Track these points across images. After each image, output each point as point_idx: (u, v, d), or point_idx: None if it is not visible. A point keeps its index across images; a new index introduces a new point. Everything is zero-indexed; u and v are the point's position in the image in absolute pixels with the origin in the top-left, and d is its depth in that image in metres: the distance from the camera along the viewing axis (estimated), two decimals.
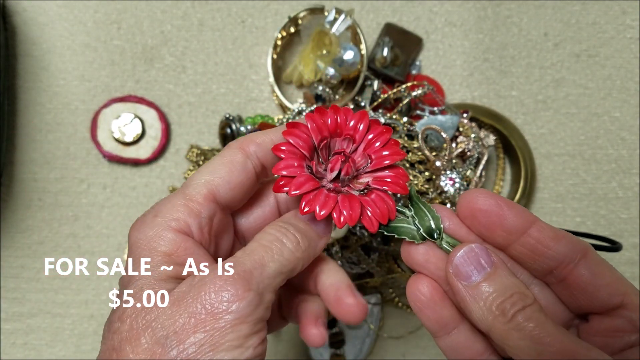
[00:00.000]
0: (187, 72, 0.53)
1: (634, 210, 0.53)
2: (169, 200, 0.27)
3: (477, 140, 0.46)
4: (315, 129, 0.27)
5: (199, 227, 0.26)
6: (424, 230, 0.27)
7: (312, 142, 0.27)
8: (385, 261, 0.49)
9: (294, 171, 0.26)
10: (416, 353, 0.51)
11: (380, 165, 0.27)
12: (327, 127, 0.28)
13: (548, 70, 0.54)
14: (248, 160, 0.28)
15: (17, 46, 0.53)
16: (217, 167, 0.28)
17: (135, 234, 0.26)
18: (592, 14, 0.55)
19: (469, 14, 0.54)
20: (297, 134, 0.27)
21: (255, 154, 0.28)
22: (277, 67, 0.53)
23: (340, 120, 0.28)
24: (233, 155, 0.28)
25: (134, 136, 0.51)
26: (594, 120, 0.54)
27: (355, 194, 0.27)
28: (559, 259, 0.26)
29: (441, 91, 0.53)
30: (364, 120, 0.28)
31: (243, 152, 0.28)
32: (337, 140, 0.28)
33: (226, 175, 0.27)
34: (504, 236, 0.26)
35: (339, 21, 0.48)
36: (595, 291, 0.26)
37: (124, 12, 0.53)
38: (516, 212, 0.26)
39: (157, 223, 0.26)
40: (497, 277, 0.25)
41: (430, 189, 0.44)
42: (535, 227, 0.26)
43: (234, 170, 0.28)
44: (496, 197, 0.26)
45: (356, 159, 0.28)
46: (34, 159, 0.52)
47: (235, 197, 0.28)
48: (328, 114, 0.28)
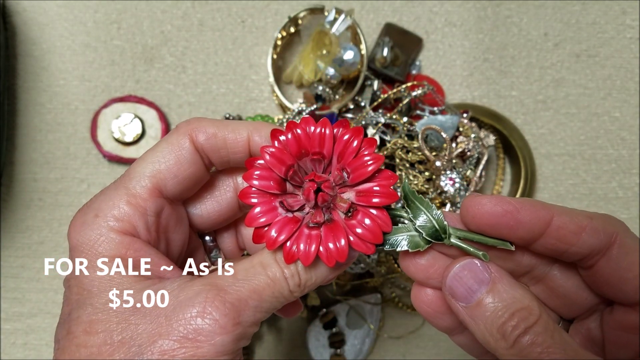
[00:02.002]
0: (187, 72, 0.53)
1: (634, 210, 0.53)
2: (110, 196, 0.24)
3: (477, 140, 0.46)
4: (274, 162, 0.24)
5: (145, 227, 0.24)
6: (427, 234, 0.24)
7: (277, 175, 0.25)
8: (385, 261, 0.49)
9: (270, 218, 0.24)
10: (416, 353, 0.51)
11: (360, 178, 0.24)
12: (289, 153, 0.25)
13: (548, 70, 0.54)
14: (196, 151, 0.26)
15: (17, 46, 0.53)
16: (163, 155, 0.25)
17: (76, 236, 0.24)
18: (592, 14, 0.55)
19: (469, 14, 0.54)
20: (261, 175, 0.25)
21: (203, 146, 0.26)
22: (277, 67, 0.53)
23: (302, 137, 0.25)
24: (181, 143, 0.25)
25: (134, 136, 0.51)
26: (594, 120, 0.54)
27: (341, 216, 0.24)
28: (584, 253, 0.23)
29: (441, 91, 0.53)
30: (327, 128, 0.24)
31: (191, 141, 0.25)
32: (307, 160, 0.25)
33: (173, 167, 0.25)
34: (522, 239, 0.24)
35: (339, 21, 0.48)
36: (620, 284, 0.23)
37: (124, 12, 0.53)
38: (530, 212, 0.23)
39: (99, 224, 0.23)
40: (496, 293, 0.23)
41: (430, 189, 0.44)
42: (554, 226, 0.23)
43: (182, 161, 0.25)
44: (505, 202, 0.23)
45: (332, 178, 0.25)
46: (34, 159, 0.52)
47: (183, 190, 0.26)
48: (286, 136, 0.25)
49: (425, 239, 0.24)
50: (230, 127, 0.26)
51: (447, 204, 0.43)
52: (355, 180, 0.24)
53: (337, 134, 0.25)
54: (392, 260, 0.49)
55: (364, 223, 0.24)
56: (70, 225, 0.24)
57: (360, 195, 0.24)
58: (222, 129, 0.26)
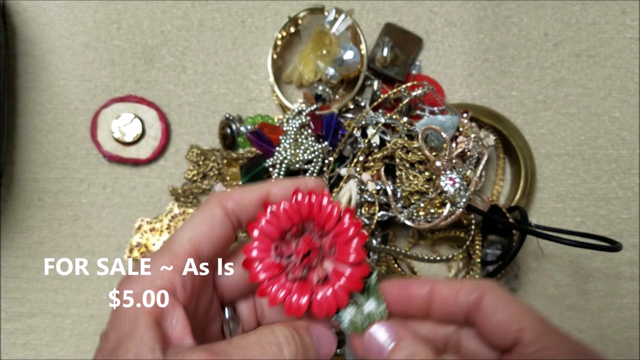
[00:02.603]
0: (187, 72, 0.53)
1: (634, 210, 0.53)
2: (155, 257, 0.27)
3: (477, 140, 0.46)
4: (285, 218, 0.29)
5: (182, 285, 0.27)
6: (370, 321, 0.29)
7: (282, 227, 0.29)
8: (385, 261, 0.49)
9: (261, 255, 0.28)
10: None
11: (342, 260, 0.28)
12: (300, 214, 0.29)
13: (548, 70, 0.54)
14: (227, 216, 0.29)
15: (17, 46, 0.53)
16: (198, 223, 0.29)
17: (124, 290, 0.26)
18: (592, 14, 0.55)
19: (469, 14, 0.54)
20: (269, 221, 0.29)
21: (232, 210, 0.29)
22: (277, 67, 0.53)
23: (315, 206, 0.29)
24: (213, 211, 0.29)
25: (134, 136, 0.51)
26: (594, 120, 0.54)
27: (314, 278, 0.29)
28: (465, 309, 0.29)
29: (441, 91, 0.53)
30: (336, 211, 0.29)
31: (222, 208, 0.29)
32: (310, 225, 0.29)
33: (207, 231, 0.28)
34: (419, 311, 0.30)
35: (339, 21, 0.48)
36: (493, 330, 0.28)
37: (124, 12, 0.53)
38: (417, 286, 0.30)
39: (144, 280, 0.26)
40: (401, 349, 0.28)
41: (430, 189, 0.44)
42: (437, 293, 0.29)
43: (214, 225, 0.29)
44: (398, 283, 0.30)
45: (323, 245, 0.29)
46: (34, 159, 0.52)
47: (217, 250, 0.29)
48: (303, 201, 0.29)
49: (366, 326, 0.29)
50: (256, 188, 0.30)
51: (447, 204, 0.43)
52: (337, 259, 0.28)
53: (342, 216, 0.29)
54: (391, 259, 0.49)
55: (327, 294, 0.28)
56: (120, 281, 0.27)
57: (336, 272, 0.29)
58: (247, 192, 0.30)
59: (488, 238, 0.50)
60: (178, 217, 0.51)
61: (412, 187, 0.45)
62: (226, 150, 0.51)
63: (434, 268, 0.52)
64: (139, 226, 0.51)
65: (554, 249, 0.52)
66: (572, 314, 0.52)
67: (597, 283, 0.53)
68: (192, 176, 0.51)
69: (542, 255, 0.52)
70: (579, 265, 0.53)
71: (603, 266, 0.53)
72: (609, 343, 0.52)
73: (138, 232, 0.51)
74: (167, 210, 0.51)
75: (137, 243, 0.51)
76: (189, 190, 0.51)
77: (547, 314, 0.53)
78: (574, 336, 0.28)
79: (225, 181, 0.51)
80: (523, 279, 0.52)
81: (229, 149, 0.51)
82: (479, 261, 0.48)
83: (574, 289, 0.52)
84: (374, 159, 0.47)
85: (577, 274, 0.53)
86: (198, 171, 0.51)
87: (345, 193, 0.47)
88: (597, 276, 0.53)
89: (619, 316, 0.52)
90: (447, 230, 0.49)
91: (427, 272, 0.52)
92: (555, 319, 0.52)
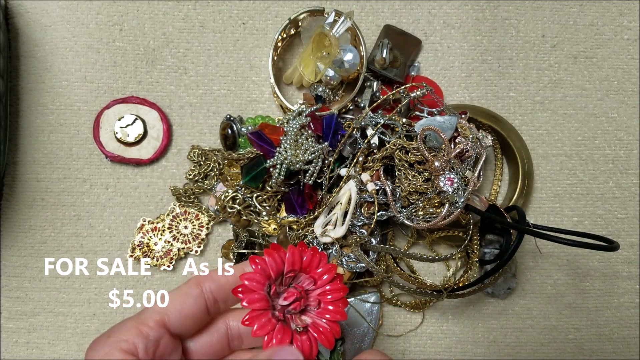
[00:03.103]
0: (188, 74, 0.54)
1: (631, 210, 0.53)
2: (124, 323, 0.31)
3: (475, 141, 0.46)
4: (290, 261, 0.32)
5: (144, 348, 0.30)
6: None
7: (282, 269, 0.32)
8: (384, 260, 0.50)
9: (256, 287, 0.31)
10: (415, 352, 0.52)
11: (322, 316, 0.32)
12: (300, 263, 0.33)
13: (546, 71, 0.54)
14: (202, 295, 0.32)
15: (19, 47, 0.53)
16: (172, 298, 0.32)
17: (91, 353, 0.29)
18: (590, 16, 0.55)
19: (467, 16, 0.54)
20: (272, 256, 0.32)
21: (210, 289, 0.32)
22: (278, 68, 0.53)
23: (313, 261, 0.33)
24: (189, 289, 0.32)
25: (136, 137, 0.51)
26: (591, 121, 0.54)
27: (292, 326, 0.32)
28: None
29: (440, 92, 0.53)
30: (331, 273, 0.33)
31: (199, 287, 0.32)
32: (303, 276, 0.33)
33: (178, 306, 0.32)
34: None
35: (339, 23, 0.48)
36: None
37: (126, 14, 0.54)
38: None
39: (109, 343, 0.29)
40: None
41: (429, 189, 0.45)
42: None
43: (187, 302, 0.32)
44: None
45: (309, 298, 0.33)
46: (37, 160, 0.53)
47: (185, 326, 0.32)
48: (308, 254, 0.33)
49: None
50: (238, 270, 0.33)
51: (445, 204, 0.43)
52: (320, 315, 0.32)
53: (329, 273, 0.33)
54: (391, 259, 0.49)
55: (304, 343, 0.31)
56: (89, 347, 0.30)
57: (314, 325, 0.32)
58: (227, 277, 0.33)
59: (486, 237, 0.50)
60: (179, 216, 0.52)
61: (411, 187, 0.45)
62: (227, 151, 0.52)
63: (433, 267, 0.53)
64: (141, 226, 0.52)
65: (552, 249, 0.53)
66: (570, 312, 0.52)
67: (594, 282, 0.53)
68: (193, 176, 0.52)
69: (539, 254, 0.53)
70: (576, 264, 0.53)
71: (600, 265, 0.53)
72: (606, 342, 0.52)
73: (140, 231, 0.52)
74: (169, 210, 0.52)
75: (139, 242, 0.51)
76: (191, 190, 0.52)
77: (544, 313, 0.53)
78: None
79: (226, 181, 0.51)
80: (521, 278, 0.53)
81: (229, 150, 0.52)
82: (477, 260, 0.48)
83: (571, 288, 0.53)
84: (374, 159, 0.47)
85: (574, 273, 0.53)
86: (199, 171, 0.52)
87: (345, 193, 0.47)
88: (594, 275, 0.53)
89: (616, 315, 0.53)
90: (445, 229, 0.49)
91: (426, 271, 0.53)
92: (553, 318, 0.52)
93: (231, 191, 0.50)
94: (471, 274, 0.48)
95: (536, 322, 0.52)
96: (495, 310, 0.52)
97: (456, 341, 0.52)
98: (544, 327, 0.52)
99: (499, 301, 0.52)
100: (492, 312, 0.52)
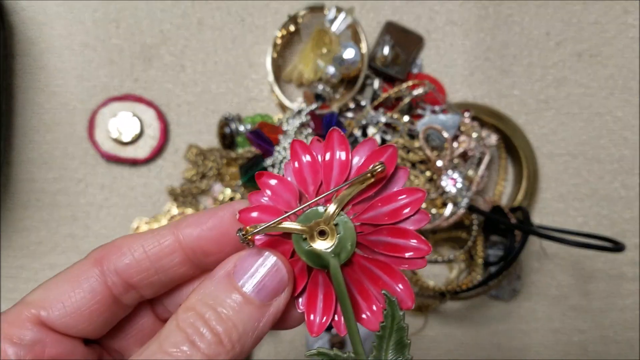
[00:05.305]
0: (186, 72, 0.53)
1: (637, 211, 0.53)
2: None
3: (478, 140, 0.45)
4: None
5: (16, 357, 0.21)
6: None
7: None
8: None
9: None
10: (418, 355, 0.51)
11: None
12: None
13: (550, 69, 0.54)
14: (102, 278, 0.22)
15: (15, 45, 0.53)
16: (57, 282, 0.22)
17: None
18: (594, 14, 0.54)
19: (470, 13, 0.54)
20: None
21: (116, 270, 0.22)
22: (277, 66, 0.53)
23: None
24: (82, 270, 0.22)
25: (132, 136, 0.51)
26: (596, 120, 0.53)
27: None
28: None
29: (442, 90, 0.52)
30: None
31: (99, 267, 0.22)
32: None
33: (62, 295, 0.22)
34: None
35: (339, 20, 0.48)
36: None
37: (123, 11, 0.53)
38: None
39: None
40: None
41: (432, 189, 0.44)
42: None
43: (77, 289, 0.22)
44: None
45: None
46: (32, 159, 0.52)
47: (79, 322, 0.22)
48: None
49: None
50: (158, 233, 0.22)
51: (448, 204, 0.43)
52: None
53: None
54: None
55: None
56: None
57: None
58: (147, 239, 0.22)
59: (490, 239, 0.50)
60: (176, 217, 0.51)
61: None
62: (225, 150, 0.51)
63: (436, 269, 0.52)
64: (137, 226, 0.51)
65: (557, 250, 0.52)
66: (574, 314, 0.52)
67: (599, 284, 0.52)
68: (190, 176, 0.51)
69: (544, 255, 0.52)
70: (581, 265, 0.52)
71: (605, 267, 0.52)
72: (610, 344, 0.51)
73: (136, 232, 0.51)
74: (165, 210, 0.51)
75: None
76: (188, 190, 0.51)
77: (549, 315, 0.52)
78: None
79: (224, 181, 0.51)
80: (525, 280, 0.52)
81: (228, 149, 0.51)
82: (481, 262, 0.48)
83: (576, 289, 0.52)
84: None
85: (579, 274, 0.52)
86: (197, 171, 0.51)
87: None
88: (599, 277, 0.52)
89: (621, 317, 0.52)
90: (448, 230, 0.49)
91: (429, 273, 0.52)
92: (557, 320, 0.52)
93: (229, 191, 0.49)
94: (475, 275, 0.47)
95: (541, 325, 0.52)
96: (500, 313, 0.52)
97: (459, 345, 0.51)
98: (548, 329, 0.52)
99: (503, 304, 0.52)
100: (496, 314, 0.52)
